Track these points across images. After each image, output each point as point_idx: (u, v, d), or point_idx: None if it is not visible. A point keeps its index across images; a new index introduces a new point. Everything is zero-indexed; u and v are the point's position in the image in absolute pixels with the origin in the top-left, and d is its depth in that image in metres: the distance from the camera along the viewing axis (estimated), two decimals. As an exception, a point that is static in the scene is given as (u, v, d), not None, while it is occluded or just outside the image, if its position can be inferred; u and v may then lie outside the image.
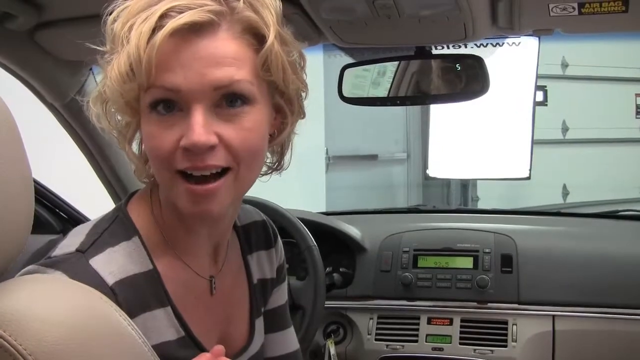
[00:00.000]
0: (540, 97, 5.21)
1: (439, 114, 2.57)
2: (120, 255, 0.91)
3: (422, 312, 1.92)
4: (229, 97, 0.87)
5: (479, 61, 1.44)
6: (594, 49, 5.50)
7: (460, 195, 5.63)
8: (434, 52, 1.49)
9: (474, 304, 1.89)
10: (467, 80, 1.47)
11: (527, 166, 2.26)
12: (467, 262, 1.94)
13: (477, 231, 2.01)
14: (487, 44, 2.01)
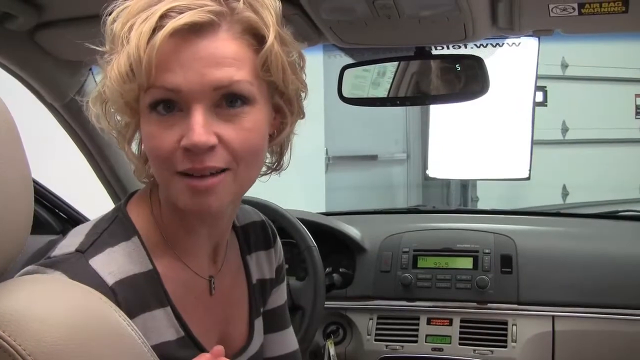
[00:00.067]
0: (540, 98, 5.20)
1: (438, 115, 2.57)
2: (119, 255, 0.91)
3: (422, 312, 1.92)
4: (228, 98, 0.87)
5: (478, 62, 1.44)
6: (594, 49, 5.50)
7: (460, 195, 5.63)
8: (434, 52, 1.49)
9: (474, 304, 1.89)
10: (467, 80, 1.47)
11: (526, 166, 2.26)
12: (466, 263, 1.94)
13: (477, 231, 2.01)
14: (487, 45, 2.01)
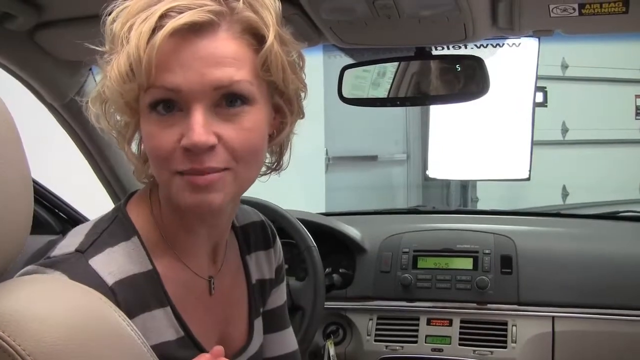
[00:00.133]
0: (540, 98, 5.20)
1: (438, 115, 2.57)
2: (119, 255, 0.91)
3: (422, 313, 1.92)
4: (228, 97, 0.87)
5: (478, 62, 1.43)
6: (594, 50, 5.50)
7: (460, 196, 5.63)
8: (434, 52, 1.48)
9: (474, 304, 1.89)
10: (467, 81, 1.46)
11: (526, 167, 2.26)
12: (466, 263, 1.94)
13: (477, 232, 2.01)
14: (487, 45, 2.01)
